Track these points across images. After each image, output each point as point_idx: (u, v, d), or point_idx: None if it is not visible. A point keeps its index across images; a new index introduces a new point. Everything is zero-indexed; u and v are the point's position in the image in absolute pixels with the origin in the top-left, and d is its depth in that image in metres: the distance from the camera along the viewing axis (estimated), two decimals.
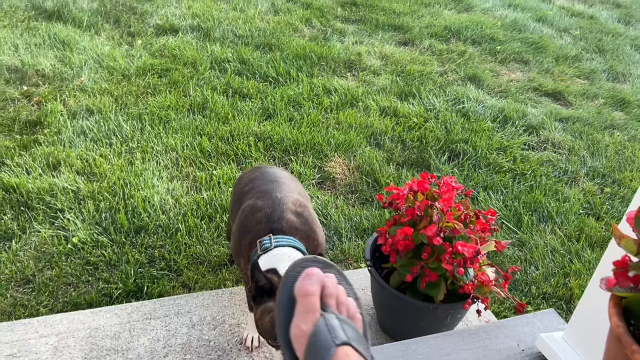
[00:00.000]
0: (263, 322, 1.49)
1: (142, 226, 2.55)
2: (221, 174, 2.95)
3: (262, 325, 1.49)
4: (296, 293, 0.86)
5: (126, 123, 3.33)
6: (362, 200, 2.94)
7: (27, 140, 3.07)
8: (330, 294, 0.87)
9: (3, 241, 2.40)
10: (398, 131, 3.59)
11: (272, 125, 3.47)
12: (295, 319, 0.84)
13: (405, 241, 1.78)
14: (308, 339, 0.81)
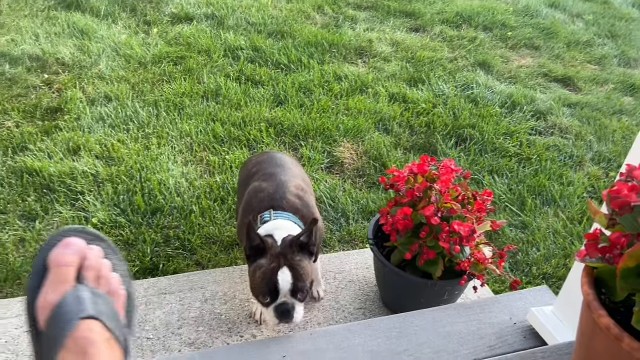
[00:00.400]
0: (254, 278, 1.62)
1: (158, 208, 2.67)
2: (233, 158, 3.06)
3: (253, 281, 1.63)
4: (49, 261, 0.81)
5: (143, 110, 3.45)
6: (369, 184, 3.03)
7: (49, 126, 3.21)
8: (90, 266, 0.83)
9: (27, 222, 2.55)
10: (407, 117, 3.66)
11: (284, 112, 3.56)
12: (44, 289, 0.79)
13: (405, 221, 1.88)
14: (53, 310, 0.77)
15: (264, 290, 1.60)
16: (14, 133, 3.12)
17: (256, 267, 1.63)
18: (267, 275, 1.60)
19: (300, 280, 1.61)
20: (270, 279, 1.59)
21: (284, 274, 1.60)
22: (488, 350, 1.60)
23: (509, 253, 2.64)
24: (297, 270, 1.61)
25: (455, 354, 1.59)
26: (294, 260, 1.63)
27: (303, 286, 1.62)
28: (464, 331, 1.67)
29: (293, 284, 1.60)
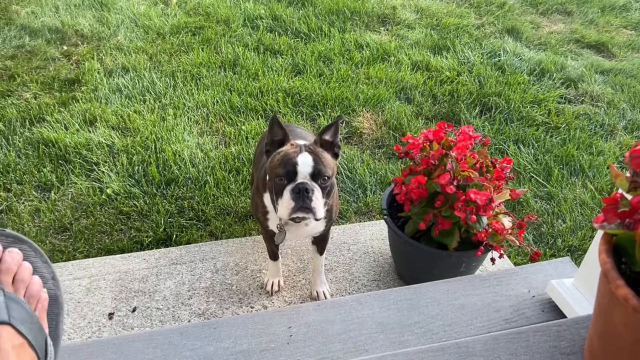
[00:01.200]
0: (272, 163, 1.53)
1: (172, 178, 2.64)
2: (249, 129, 3.00)
3: (271, 165, 1.53)
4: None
5: (159, 80, 3.41)
6: (388, 155, 2.94)
7: (66, 97, 3.20)
8: (7, 269, 0.82)
9: (43, 192, 2.55)
10: (429, 85, 3.54)
11: (302, 81, 3.48)
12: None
13: (419, 190, 1.80)
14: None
15: (281, 169, 1.48)
16: (32, 104, 3.12)
17: (275, 154, 1.54)
18: (285, 156, 1.50)
19: (321, 164, 1.49)
20: (289, 159, 1.48)
21: (304, 156, 1.48)
22: (503, 323, 1.52)
23: (533, 225, 2.54)
24: (318, 156, 1.50)
25: (469, 327, 1.52)
26: (316, 149, 1.53)
27: (324, 170, 1.48)
28: (478, 303, 1.59)
29: (313, 167, 1.47)
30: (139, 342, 1.44)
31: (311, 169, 1.47)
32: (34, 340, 0.78)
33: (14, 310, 0.77)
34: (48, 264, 0.91)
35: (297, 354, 1.45)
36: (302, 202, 1.45)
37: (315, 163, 1.47)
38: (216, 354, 1.43)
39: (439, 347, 1.19)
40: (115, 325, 1.86)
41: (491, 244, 1.78)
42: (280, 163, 1.49)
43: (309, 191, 1.45)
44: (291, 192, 1.46)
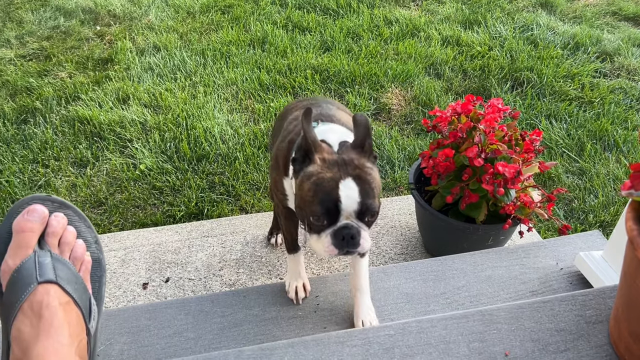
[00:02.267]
0: (302, 192, 1.14)
1: (203, 155, 2.69)
2: (278, 105, 3.02)
3: (301, 196, 1.15)
4: (13, 228, 0.83)
5: (190, 59, 3.46)
6: (417, 131, 2.93)
7: (100, 76, 3.27)
8: (53, 232, 0.85)
9: (79, 168, 2.63)
10: (460, 60, 3.49)
11: (330, 58, 3.47)
12: (6, 255, 0.82)
13: (446, 163, 1.80)
14: (12, 274, 0.79)
15: (318, 208, 1.10)
16: (67, 83, 3.21)
17: (304, 176, 1.14)
18: (322, 187, 1.10)
19: (370, 197, 1.11)
20: (328, 193, 1.09)
21: (348, 187, 1.09)
22: (530, 295, 1.53)
23: (564, 200, 2.51)
24: (365, 182, 1.11)
25: (495, 298, 1.53)
26: (362, 168, 1.13)
27: (373, 205, 1.12)
28: (505, 275, 1.60)
29: (361, 203, 1.10)
30: (172, 308, 1.50)
31: (358, 206, 1.10)
32: (79, 299, 0.82)
33: (60, 271, 0.81)
34: (91, 228, 0.95)
35: (323, 322, 1.49)
36: (348, 248, 1.14)
37: (362, 196, 1.10)
38: (246, 320, 1.47)
39: (462, 315, 1.21)
40: (149, 294, 1.92)
41: (519, 217, 1.77)
42: (316, 196, 1.11)
43: (355, 236, 1.12)
44: (332, 237, 1.13)
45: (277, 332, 1.45)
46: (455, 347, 1.13)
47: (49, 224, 0.84)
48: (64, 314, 0.77)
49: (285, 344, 1.13)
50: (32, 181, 2.53)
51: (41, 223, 0.83)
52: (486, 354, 1.09)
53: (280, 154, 1.39)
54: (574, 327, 1.11)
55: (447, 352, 1.12)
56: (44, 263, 0.79)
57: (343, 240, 1.12)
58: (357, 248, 1.14)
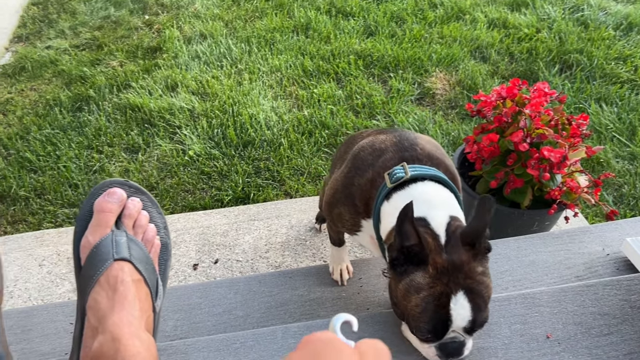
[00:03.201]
0: (408, 303, 1.00)
1: (249, 141, 2.75)
2: (321, 91, 3.05)
3: (407, 307, 1.01)
4: (94, 208, 0.89)
5: (235, 46, 3.52)
6: (461, 116, 2.91)
7: (149, 65, 3.37)
8: (129, 214, 0.91)
9: (131, 153, 2.74)
10: (506, 43, 3.43)
11: (373, 43, 3.47)
12: (87, 231, 0.88)
13: (490, 148, 1.79)
14: (91, 250, 0.85)
15: (425, 327, 0.99)
16: (118, 72, 3.32)
17: (409, 285, 1.00)
18: (431, 306, 0.97)
19: (482, 311, 0.98)
20: (437, 312, 0.97)
21: (460, 304, 0.97)
22: (574, 280, 1.52)
23: (613, 185, 2.46)
24: (478, 296, 0.98)
25: (538, 282, 1.53)
26: (474, 276, 0.98)
27: (483, 319, 1.00)
28: (549, 260, 1.59)
29: (472, 321, 0.98)
30: (222, 288, 1.56)
31: (469, 324, 0.98)
32: (148, 279, 0.89)
33: (134, 250, 0.88)
34: (162, 215, 1.01)
35: (366, 303, 1.53)
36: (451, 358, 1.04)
37: (474, 313, 0.97)
38: (292, 300, 1.53)
39: (505, 297, 1.22)
40: (199, 275, 2.01)
41: (565, 202, 1.76)
42: (424, 314, 0.98)
43: (459, 348, 1.03)
44: (438, 349, 1.04)
45: (322, 312, 1.50)
46: (496, 329, 1.15)
47: (125, 207, 0.91)
48: (136, 290, 0.84)
49: None
50: (88, 166, 2.66)
51: (119, 205, 0.89)
52: (528, 336, 1.10)
53: (357, 192, 1.19)
54: (618, 312, 1.11)
55: (488, 333, 1.14)
56: (120, 242, 0.86)
57: (449, 353, 1.03)
58: (459, 357, 1.04)
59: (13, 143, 2.81)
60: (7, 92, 3.27)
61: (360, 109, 2.94)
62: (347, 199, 1.22)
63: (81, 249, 0.88)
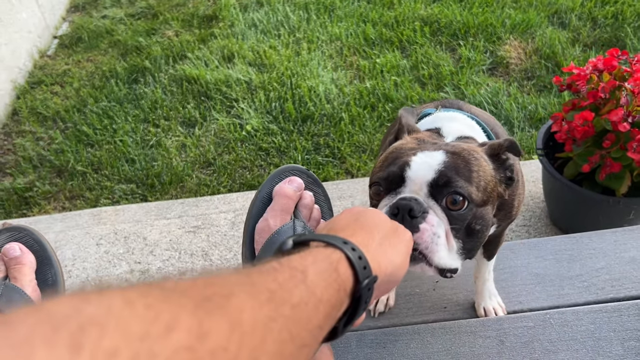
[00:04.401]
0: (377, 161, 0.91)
1: (308, 115, 2.62)
2: (384, 62, 2.87)
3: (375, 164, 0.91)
4: (275, 192, 0.87)
5: (293, 13, 3.36)
6: (539, 87, 2.67)
7: (205, 34, 3.26)
8: (307, 205, 0.88)
9: (187, 128, 2.65)
10: (588, 7, 3.12)
11: (440, 8, 3.24)
12: (266, 214, 0.85)
13: (584, 127, 1.59)
14: (271, 234, 0.82)
15: (381, 172, 0.84)
16: (174, 42, 3.23)
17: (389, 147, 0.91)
18: (395, 154, 0.85)
19: (460, 174, 0.78)
20: (398, 158, 0.83)
21: (429, 155, 0.80)
22: None
23: None
24: (461, 159, 0.80)
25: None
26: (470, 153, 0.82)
27: (458, 184, 0.77)
28: None
29: (439, 173, 0.78)
30: None
31: (433, 175, 0.78)
32: None
33: None
34: (332, 211, 0.98)
35: (443, 300, 1.38)
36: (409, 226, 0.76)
37: (446, 167, 0.78)
38: None
39: (614, 307, 1.06)
40: None
41: None
42: (384, 162, 0.86)
43: (415, 215, 0.76)
44: (386, 211, 0.79)
45: (395, 310, 1.36)
46: (607, 345, 0.99)
47: (303, 197, 0.89)
48: None
49: (410, 330, 1.04)
50: (144, 141, 2.59)
51: (299, 193, 0.87)
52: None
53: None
54: None
55: (597, 351, 0.98)
56: (298, 231, 0.83)
57: (396, 217, 0.76)
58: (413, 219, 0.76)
59: (70, 116, 2.78)
60: (64, 64, 3.24)
61: (427, 80, 2.74)
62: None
63: (258, 231, 0.86)
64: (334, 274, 0.48)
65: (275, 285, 0.42)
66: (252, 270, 0.44)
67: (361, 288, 0.51)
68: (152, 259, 1.94)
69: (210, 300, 0.36)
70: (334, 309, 0.48)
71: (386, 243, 0.58)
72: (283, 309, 0.41)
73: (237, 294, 0.39)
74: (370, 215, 0.62)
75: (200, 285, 0.38)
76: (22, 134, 2.75)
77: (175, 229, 2.04)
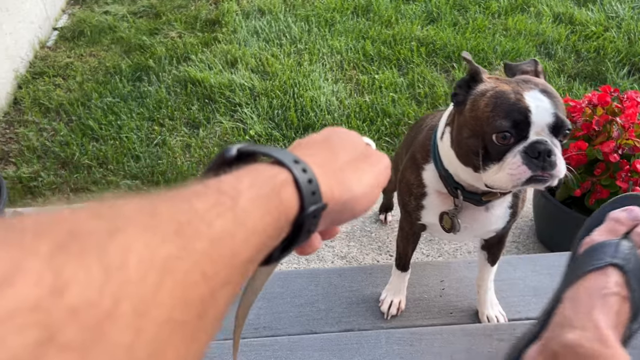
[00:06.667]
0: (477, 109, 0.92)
1: (309, 124, 2.73)
2: (382, 78, 3.01)
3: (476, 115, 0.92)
4: (609, 217, 0.88)
5: (295, 24, 3.47)
6: None
7: (208, 38, 3.35)
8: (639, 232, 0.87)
9: (192, 128, 2.73)
10: (572, 40, 3.34)
11: (436, 30, 3.40)
12: (593, 233, 0.88)
13: (578, 155, 1.75)
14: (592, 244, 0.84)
15: (502, 123, 0.88)
16: (177, 43, 3.30)
17: (476, 97, 0.93)
18: (505, 99, 0.89)
19: (562, 112, 0.90)
20: (514, 104, 0.88)
21: (537, 98, 0.88)
22: None
23: None
24: (555, 97, 0.90)
25: None
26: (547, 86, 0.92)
27: (567, 123, 0.90)
28: None
29: (554, 114, 0.87)
30: (302, 278, 1.56)
31: (552, 118, 0.88)
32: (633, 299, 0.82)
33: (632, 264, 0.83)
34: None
35: (449, 307, 1.51)
36: (542, 170, 0.88)
37: (555, 107, 0.88)
38: (372, 298, 1.51)
39: None
40: None
41: None
42: (497, 109, 0.89)
43: (552, 154, 0.88)
44: (524, 156, 0.89)
45: (405, 312, 1.49)
46: None
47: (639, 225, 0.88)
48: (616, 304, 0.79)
49: (433, 331, 1.16)
50: (149, 138, 2.66)
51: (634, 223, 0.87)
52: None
53: (419, 146, 1.17)
54: None
55: None
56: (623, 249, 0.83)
57: (538, 159, 0.87)
58: (554, 169, 0.88)
59: (74, 109, 2.83)
60: (66, 56, 3.28)
61: (423, 99, 2.89)
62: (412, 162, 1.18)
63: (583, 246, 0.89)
64: (275, 199, 0.41)
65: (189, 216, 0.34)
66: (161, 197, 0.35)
67: (304, 215, 0.43)
68: None
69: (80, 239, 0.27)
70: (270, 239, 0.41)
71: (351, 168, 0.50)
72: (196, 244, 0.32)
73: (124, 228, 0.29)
74: (344, 135, 0.55)
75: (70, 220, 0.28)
76: (24, 124, 2.78)
77: None
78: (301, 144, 0.52)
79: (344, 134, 0.55)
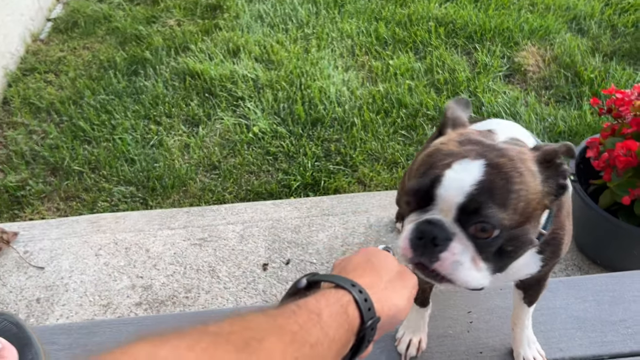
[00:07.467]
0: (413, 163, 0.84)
1: (318, 118, 2.49)
2: (398, 64, 2.75)
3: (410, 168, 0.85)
4: None
5: (301, 6, 3.21)
6: (558, 98, 2.57)
7: (209, 25, 3.11)
8: None
9: (191, 127, 2.52)
10: (608, 14, 3.03)
11: (455, 8, 3.11)
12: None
13: (627, 157, 1.49)
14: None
15: (412, 182, 0.77)
16: (176, 32, 3.08)
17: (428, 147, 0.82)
18: (434, 160, 0.75)
19: (494, 199, 0.70)
20: (431, 168, 0.74)
21: (464, 169, 0.71)
22: None
23: None
24: (501, 176, 0.70)
25: None
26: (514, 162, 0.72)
27: (491, 211, 0.69)
28: None
29: (469, 197, 0.70)
30: None
31: (462, 199, 0.70)
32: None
33: None
34: None
35: (478, 344, 1.29)
36: (421, 257, 0.74)
37: (479, 190, 0.70)
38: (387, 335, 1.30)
39: None
40: (270, 276, 1.80)
41: None
42: (421, 168, 0.77)
43: (437, 243, 0.72)
44: (411, 232, 0.74)
45: (426, 352, 1.27)
46: None
47: None
48: None
49: None
50: (145, 139, 2.46)
51: None
52: None
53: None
54: None
55: None
56: None
57: (420, 240, 0.73)
58: (433, 263, 0.72)
59: (66, 109, 2.63)
60: (59, 50, 3.08)
61: (442, 86, 2.63)
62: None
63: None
64: (344, 315, 0.57)
65: (297, 327, 0.51)
66: (276, 313, 0.53)
67: (365, 328, 0.58)
68: (155, 274, 1.82)
69: (248, 344, 0.47)
70: (343, 347, 0.56)
71: (391, 287, 0.66)
72: (304, 348, 0.50)
73: (267, 337, 0.48)
74: (382, 258, 0.70)
75: (238, 329, 0.48)
76: (13, 126, 2.60)
77: (180, 241, 1.92)
78: (346, 267, 0.68)
79: (382, 255, 0.71)
